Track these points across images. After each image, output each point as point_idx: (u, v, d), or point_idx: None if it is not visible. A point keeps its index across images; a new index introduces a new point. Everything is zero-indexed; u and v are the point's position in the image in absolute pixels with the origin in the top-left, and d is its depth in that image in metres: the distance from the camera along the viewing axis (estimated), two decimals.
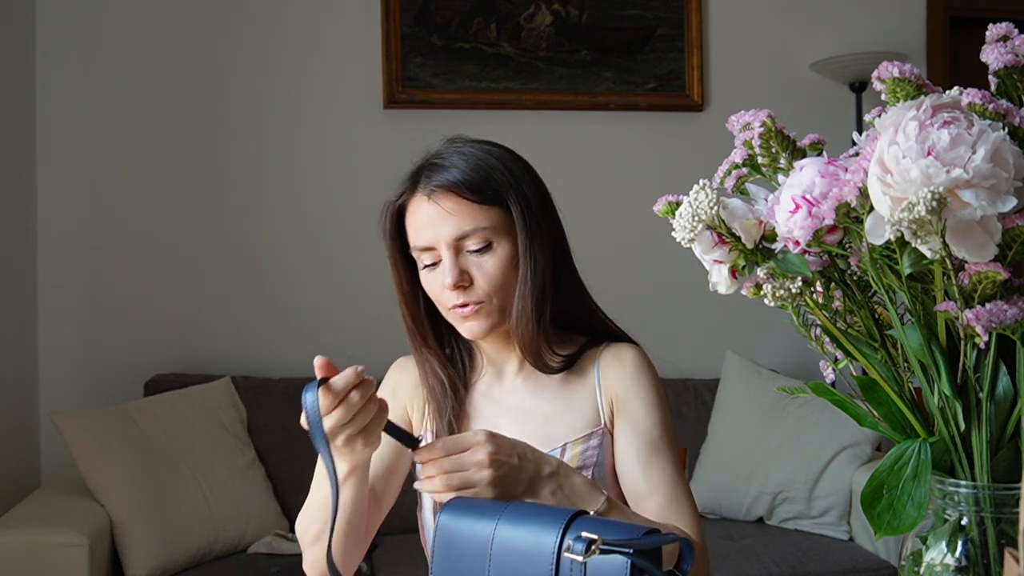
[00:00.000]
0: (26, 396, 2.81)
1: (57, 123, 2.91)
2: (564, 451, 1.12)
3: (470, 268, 1.09)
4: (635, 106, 3.17)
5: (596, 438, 1.13)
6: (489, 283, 1.09)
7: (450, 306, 1.10)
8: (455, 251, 1.09)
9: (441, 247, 1.09)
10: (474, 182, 1.10)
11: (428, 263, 1.11)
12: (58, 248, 2.90)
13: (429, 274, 1.12)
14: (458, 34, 3.08)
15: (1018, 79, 0.70)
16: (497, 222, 1.10)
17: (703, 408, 2.89)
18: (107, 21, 2.94)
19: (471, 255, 1.09)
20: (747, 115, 0.78)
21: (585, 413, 1.15)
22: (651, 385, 1.16)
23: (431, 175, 1.11)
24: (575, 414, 1.15)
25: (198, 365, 2.91)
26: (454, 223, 1.08)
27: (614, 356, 1.18)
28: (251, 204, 3.01)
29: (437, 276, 1.10)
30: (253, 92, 3.01)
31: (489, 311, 1.10)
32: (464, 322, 1.11)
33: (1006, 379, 0.70)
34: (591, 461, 1.12)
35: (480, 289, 1.09)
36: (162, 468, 2.32)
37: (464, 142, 1.15)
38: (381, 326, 3.04)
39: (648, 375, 1.17)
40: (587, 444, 1.13)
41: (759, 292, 0.75)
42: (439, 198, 1.09)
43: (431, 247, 1.10)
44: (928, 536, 0.73)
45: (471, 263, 1.09)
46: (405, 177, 1.14)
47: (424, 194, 1.10)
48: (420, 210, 1.10)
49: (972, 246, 0.64)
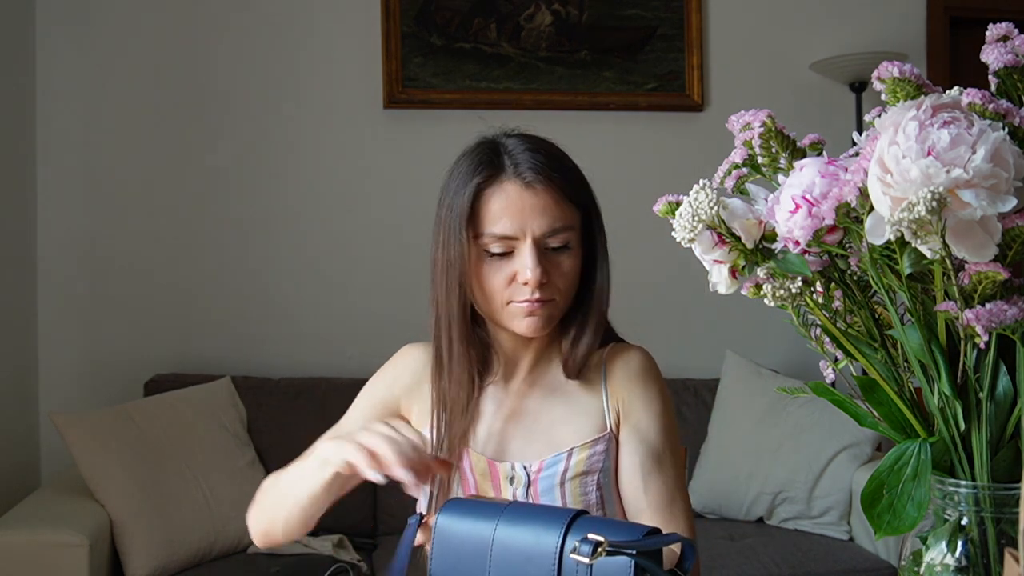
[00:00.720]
0: (26, 396, 2.81)
1: (57, 123, 2.91)
2: (570, 456, 1.10)
3: (548, 266, 1.06)
4: (635, 106, 3.17)
5: (602, 444, 1.12)
6: (564, 284, 1.07)
7: (517, 299, 1.06)
8: (539, 246, 1.05)
9: (526, 238, 1.04)
10: (571, 178, 1.07)
11: (498, 252, 1.06)
12: (58, 248, 2.90)
13: (495, 263, 1.06)
14: (458, 34, 3.08)
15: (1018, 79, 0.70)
16: (577, 224, 1.08)
17: (703, 408, 2.89)
18: (107, 21, 2.94)
19: (550, 253, 1.06)
20: (747, 115, 0.78)
21: (591, 418, 1.14)
22: (658, 393, 1.16)
23: (522, 161, 1.05)
24: (581, 419, 1.14)
25: (198, 365, 2.91)
26: (548, 216, 1.04)
27: (621, 361, 1.17)
28: (251, 204, 3.01)
29: (504, 267, 1.06)
30: (253, 92, 3.01)
31: (553, 311, 1.08)
32: (527, 317, 1.06)
33: (1006, 379, 0.70)
34: (597, 467, 1.11)
35: (555, 288, 1.07)
36: (162, 468, 2.32)
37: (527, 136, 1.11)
38: (381, 325, 3.05)
39: (655, 382, 1.16)
40: (593, 450, 1.11)
41: (759, 292, 0.75)
42: (537, 187, 1.04)
43: (513, 236, 1.05)
44: (928, 536, 0.73)
45: (550, 261, 1.06)
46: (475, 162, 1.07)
47: (519, 180, 1.05)
48: (509, 196, 1.05)
49: (972, 246, 0.64)
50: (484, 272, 1.07)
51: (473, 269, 1.07)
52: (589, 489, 1.10)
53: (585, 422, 1.13)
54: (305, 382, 2.79)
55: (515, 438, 1.13)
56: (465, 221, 1.05)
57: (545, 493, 1.09)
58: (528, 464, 1.11)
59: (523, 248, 1.05)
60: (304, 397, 2.72)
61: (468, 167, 1.08)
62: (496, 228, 1.05)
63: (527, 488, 1.09)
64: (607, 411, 1.14)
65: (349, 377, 2.75)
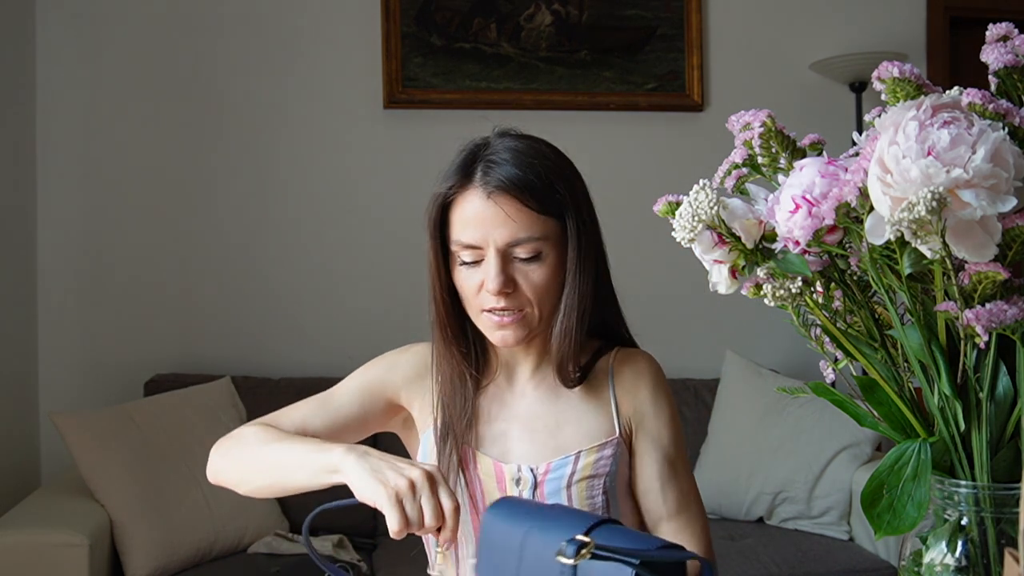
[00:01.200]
0: (26, 396, 2.81)
1: (57, 123, 2.91)
2: (578, 459, 1.10)
3: (515, 275, 1.05)
4: (635, 106, 3.17)
5: (610, 448, 1.12)
6: (534, 293, 1.06)
7: (486, 308, 1.06)
8: (503, 256, 1.05)
9: (489, 249, 1.04)
10: (537, 188, 1.05)
11: (468, 260, 1.06)
12: (58, 248, 2.90)
13: (467, 271, 1.07)
14: (458, 34, 3.08)
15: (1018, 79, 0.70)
16: (550, 233, 1.06)
17: (703, 408, 2.89)
18: (107, 21, 2.94)
19: (518, 262, 1.05)
20: (747, 115, 0.78)
21: (599, 422, 1.13)
22: (669, 401, 1.16)
23: (491, 171, 1.05)
24: (588, 423, 1.13)
25: (198, 365, 2.91)
26: (510, 228, 1.04)
27: (630, 367, 1.16)
28: (251, 204, 3.01)
29: (475, 275, 1.06)
30: (253, 92, 3.01)
31: (526, 321, 1.07)
32: (498, 329, 1.07)
33: (1006, 379, 0.69)
34: (604, 471, 1.10)
35: (523, 298, 1.06)
36: (162, 468, 2.32)
37: (518, 138, 1.11)
38: (381, 325, 3.05)
39: (665, 390, 1.17)
40: (601, 453, 1.11)
41: (759, 292, 0.75)
42: (498, 198, 1.04)
43: (477, 246, 1.05)
44: (928, 536, 0.73)
45: (517, 270, 1.05)
46: (454, 167, 1.08)
47: (482, 191, 1.05)
48: (473, 206, 1.05)
49: (972, 246, 0.64)
50: (459, 279, 1.08)
51: (454, 275, 1.09)
52: (595, 492, 1.10)
53: (592, 425, 1.13)
54: (305, 382, 2.78)
55: (521, 440, 1.13)
56: (435, 227, 1.08)
57: (552, 496, 1.09)
58: (535, 466, 1.10)
59: (487, 257, 1.05)
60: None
61: (446, 173, 1.09)
62: (463, 237, 1.06)
63: (533, 490, 1.09)
64: (616, 416, 1.14)
65: None
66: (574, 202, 1.08)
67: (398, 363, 1.18)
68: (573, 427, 1.13)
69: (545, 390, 1.15)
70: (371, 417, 1.15)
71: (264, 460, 1.03)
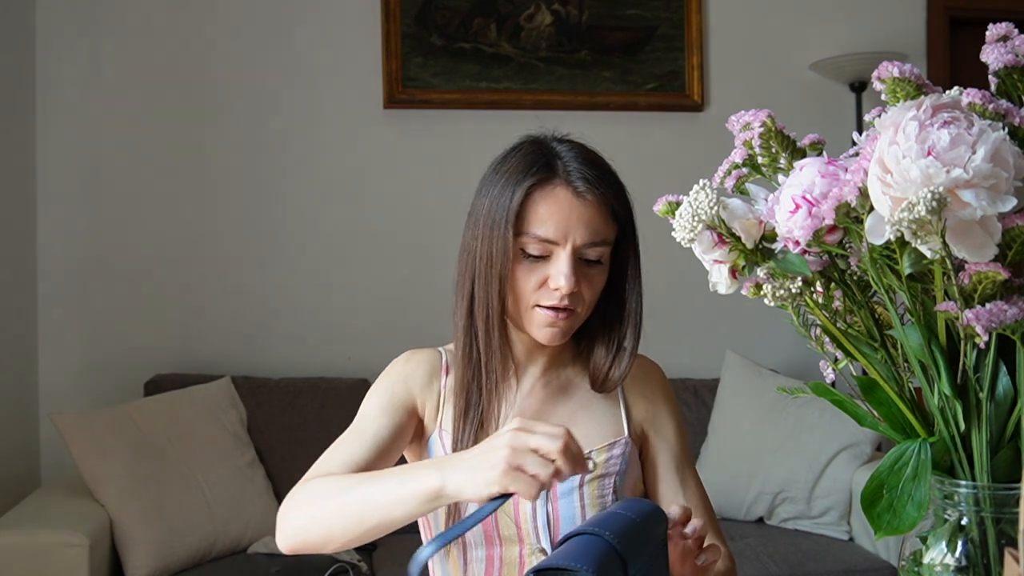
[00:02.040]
0: (26, 396, 2.81)
1: (57, 124, 2.91)
2: (589, 459, 1.11)
3: (580, 277, 1.05)
4: (635, 106, 3.17)
5: (620, 447, 1.13)
6: (591, 297, 1.07)
7: (544, 304, 1.05)
8: (576, 255, 1.04)
9: (565, 246, 1.03)
10: (619, 196, 1.07)
11: (535, 254, 1.05)
12: (58, 248, 2.90)
13: (529, 264, 1.05)
14: (458, 34, 3.08)
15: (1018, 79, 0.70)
16: (613, 241, 1.08)
17: (703, 408, 2.89)
18: (107, 22, 2.94)
19: (583, 264, 1.06)
20: (747, 115, 0.78)
21: (608, 422, 1.15)
22: (677, 408, 1.20)
23: (577, 170, 1.05)
24: (598, 422, 1.15)
25: (198, 365, 2.91)
26: (592, 228, 1.04)
27: (642, 372, 1.19)
28: (251, 204, 3.01)
29: (538, 269, 1.05)
30: (253, 92, 3.01)
31: (574, 323, 1.08)
32: (549, 327, 1.06)
33: (1006, 379, 0.70)
34: (614, 470, 1.12)
35: (580, 299, 1.06)
36: (162, 468, 2.32)
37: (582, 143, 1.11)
38: (381, 325, 3.06)
39: (674, 398, 1.20)
40: (611, 453, 1.12)
41: (759, 292, 0.75)
42: (587, 197, 1.04)
43: (553, 241, 1.04)
44: (928, 536, 0.73)
45: (582, 272, 1.05)
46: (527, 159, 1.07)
47: (569, 188, 1.04)
48: (559, 202, 1.04)
49: (972, 246, 0.64)
50: (517, 271, 1.06)
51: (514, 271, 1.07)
52: (606, 492, 1.10)
53: (602, 425, 1.15)
54: (305, 382, 2.79)
55: None
56: (514, 218, 1.04)
57: (564, 495, 1.09)
58: None
59: (560, 255, 1.04)
60: (304, 397, 2.72)
61: (520, 165, 1.07)
62: (540, 231, 1.04)
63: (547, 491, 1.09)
64: (625, 418, 1.16)
65: (349, 377, 2.75)
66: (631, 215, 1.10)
67: (409, 373, 1.16)
68: (583, 427, 1.13)
69: (553, 389, 1.16)
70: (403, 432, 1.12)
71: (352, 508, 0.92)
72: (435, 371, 1.16)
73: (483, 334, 1.09)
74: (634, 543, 0.74)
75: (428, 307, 3.04)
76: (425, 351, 1.19)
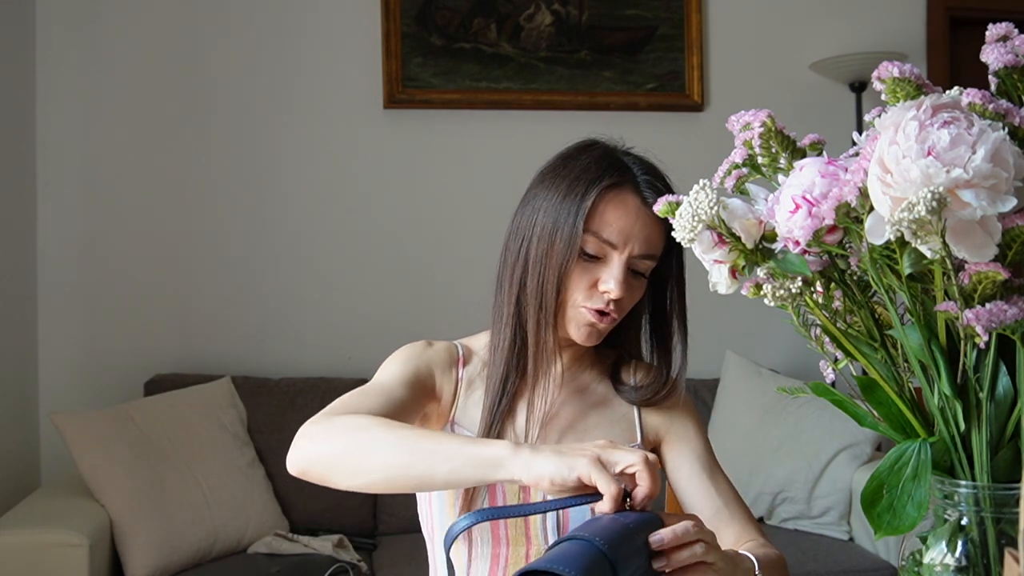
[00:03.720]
0: (26, 396, 2.81)
1: (57, 123, 2.91)
2: None
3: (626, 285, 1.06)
4: (635, 106, 3.17)
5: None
6: (631, 306, 1.09)
7: (589, 306, 1.06)
8: (628, 264, 1.06)
9: (623, 252, 1.05)
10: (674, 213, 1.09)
11: (592, 253, 1.06)
12: (58, 248, 2.90)
13: (585, 263, 1.06)
14: (458, 34, 3.08)
15: (1018, 79, 0.70)
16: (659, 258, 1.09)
17: (703, 408, 2.89)
18: (107, 22, 2.94)
19: (630, 274, 1.07)
20: (747, 115, 0.78)
21: (621, 427, 1.16)
22: (695, 411, 1.19)
23: (648, 180, 1.07)
24: (613, 426, 1.15)
25: (198, 365, 2.91)
26: (651, 241, 1.06)
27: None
28: (251, 204, 3.01)
29: (591, 269, 1.06)
30: (253, 92, 3.01)
31: (609, 328, 1.09)
32: (586, 327, 1.07)
33: (1006, 379, 0.69)
34: None
35: (622, 308, 1.08)
36: (162, 468, 2.32)
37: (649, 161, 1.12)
38: (380, 326, 3.06)
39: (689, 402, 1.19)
40: None
41: (759, 292, 0.75)
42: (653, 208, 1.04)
43: (613, 244, 1.05)
44: (928, 536, 0.73)
45: (628, 281, 1.06)
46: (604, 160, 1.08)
47: (640, 194, 1.06)
48: (628, 206, 1.05)
49: (972, 246, 0.64)
50: (578, 271, 1.07)
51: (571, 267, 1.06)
52: None
53: (615, 430, 1.15)
54: (305, 382, 2.79)
55: (546, 439, 1.13)
56: (586, 214, 1.04)
57: None
58: None
59: (615, 259, 1.05)
60: (304, 397, 2.72)
61: (595, 164, 1.08)
62: (603, 231, 1.05)
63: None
64: (639, 425, 1.16)
65: (349, 377, 2.75)
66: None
67: (432, 357, 1.14)
68: (598, 429, 1.14)
69: (569, 390, 1.17)
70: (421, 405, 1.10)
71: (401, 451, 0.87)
72: (453, 361, 1.16)
73: (533, 324, 1.08)
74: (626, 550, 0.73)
75: (428, 307, 3.04)
76: (442, 342, 1.18)
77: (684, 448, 1.15)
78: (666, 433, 1.17)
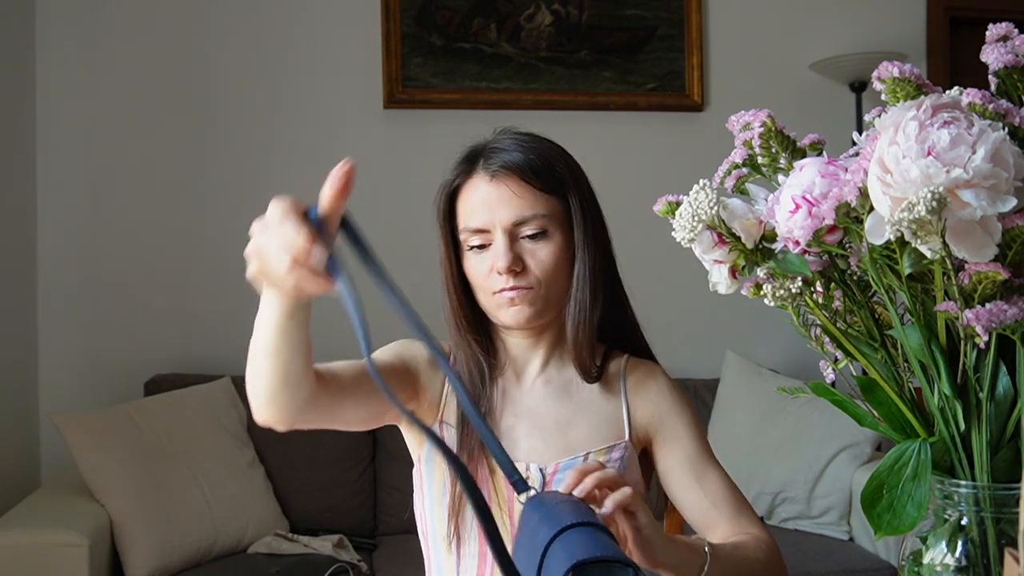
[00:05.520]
0: (26, 396, 2.81)
1: (57, 124, 2.91)
2: (586, 460, 1.10)
3: (523, 254, 1.08)
4: (635, 106, 3.17)
5: (619, 451, 1.12)
6: (542, 271, 1.09)
7: (496, 290, 1.09)
8: (510, 236, 1.08)
9: (496, 230, 1.08)
10: (538, 168, 1.09)
11: (477, 244, 1.10)
12: (58, 248, 2.90)
13: (476, 256, 1.10)
14: (458, 34, 3.08)
15: (1018, 79, 0.70)
16: (554, 211, 1.10)
17: (703, 408, 2.89)
18: (107, 22, 2.94)
19: (525, 241, 1.09)
20: (747, 115, 0.78)
21: (609, 424, 1.14)
22: (688, 407, 1.17)
23: (493, 157, 1.10)
24: (597, 424, 1.13)
25: (198, 365, 2.91)
26: (515, 206, 1.08)
27: (645, 375, 1.17)
28: (251, 203, 2.99)
29: (485, 259, 1.09)
30: (253, 92, 3.01)
31: (535, 298, 1.09)
32: (509, 307, 1.09)
33: (1006, 379, 0.70)
34: None
35: (532, 276, 1.08)
36: (162, 468, 2.32)
37: (518, 132, 1.15)
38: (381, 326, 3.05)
39: (684, 398, 1.18)
40: (610, 456, 1.11)
41: (759, 292, 0.75)
42: (502, 179, 1.08)
43: (485, 229, 1.09)
44: (928, 536, 0.73)
45: (524, 250, 1.08)
46: (458, 160, 1.14)
47: (486, 175, 1.09)
48: (479, 190, 1.09)
49: (972, 246, 0.64)
50: (470, 266, 1.11)
51: (465, 264, 1.12)
52: None
53: (602, 427, 1.13)
54: None
55: (528, 436, 1.13)
56: (443, 218, 1.13)
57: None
58: (543, 465, 1.10)
59: (496, 238, 1.08)
60: None
61: (450, 168, 1.14)
62: (471, 222, 1.10)
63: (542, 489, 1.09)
64: (627, 421, 1.14)
65: None
66: (575, 182, 1.12)
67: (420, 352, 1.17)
68: (582, 427, 1.13)
69: (552, 388, 1.16)
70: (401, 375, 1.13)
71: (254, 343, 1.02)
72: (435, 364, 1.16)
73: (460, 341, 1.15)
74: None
75: (428, 307, 3.04)
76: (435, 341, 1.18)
77: (675, 449, 1.13)
78: (656, 433, 1.14)
